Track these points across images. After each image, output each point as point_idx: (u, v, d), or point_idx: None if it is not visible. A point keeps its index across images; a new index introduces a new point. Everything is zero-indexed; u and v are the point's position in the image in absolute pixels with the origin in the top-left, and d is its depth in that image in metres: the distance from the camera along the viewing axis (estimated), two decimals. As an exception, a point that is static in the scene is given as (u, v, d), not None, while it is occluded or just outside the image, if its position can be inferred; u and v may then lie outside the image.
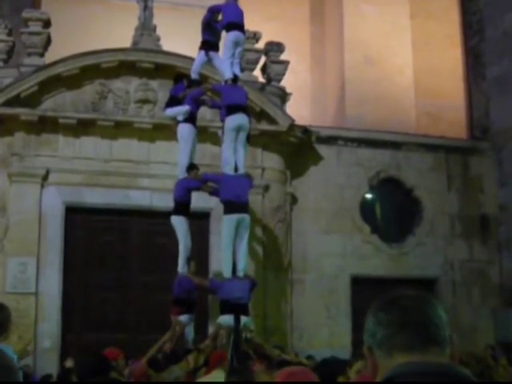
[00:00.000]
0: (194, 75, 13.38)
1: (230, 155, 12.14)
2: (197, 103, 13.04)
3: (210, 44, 13.33)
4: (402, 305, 2.00)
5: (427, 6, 20.90)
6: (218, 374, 7.75)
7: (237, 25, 12.76)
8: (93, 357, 6.02)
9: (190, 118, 12.89)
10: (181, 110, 12.91)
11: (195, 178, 12.50)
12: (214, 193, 12.59)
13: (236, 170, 12.09)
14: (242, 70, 15.00)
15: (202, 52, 13.36)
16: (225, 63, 12.73)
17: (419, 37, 20.38)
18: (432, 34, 20.73)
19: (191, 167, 12.55)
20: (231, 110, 12.24)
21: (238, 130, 12.19)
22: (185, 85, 13.26)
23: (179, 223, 12.46)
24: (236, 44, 12.70)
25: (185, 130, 12.84)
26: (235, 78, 12.56)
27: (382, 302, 2.06)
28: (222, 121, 12.68)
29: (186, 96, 12.99)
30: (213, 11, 13.27)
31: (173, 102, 13.18)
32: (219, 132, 13.30)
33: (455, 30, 21.07)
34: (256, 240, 15.43)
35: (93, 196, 15.34)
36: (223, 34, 13.24)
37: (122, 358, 8.04)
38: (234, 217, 11.77)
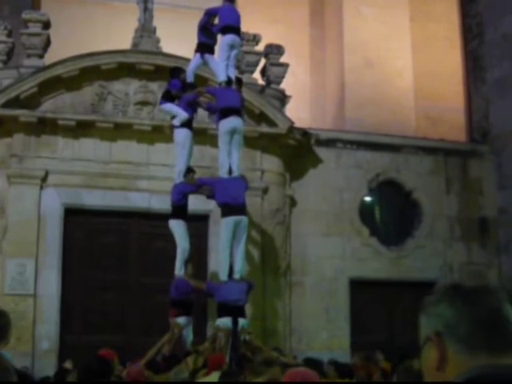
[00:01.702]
0: (189, 78, 13.37)
1: (225, 158, 12.18)
2: (192, 107, 13.03)
3: (206, 46, 13.32)
4: (484, 301, 1.94)
5: (427, 9, 20.91)
6: (217, 376, 7.75)
7: (233, 28, 12.77)
8: (95, 359, 6.00)
9: (186, 123, 12.89)
10: (178, 114, 12.89)
11: (191, 182, 12.52)
12: (210, 196, 12.60)
13: (231, 172, 12.11)
14: (242, 72, 15.02)
15: (198, 54, 13.36)
16: (220, 66, 12.74)
17: (419, 39, 20.38)
18: (432, 37, 20.73)
19: (187, 171, 12.59)
20: (225, 112, 12.25)
21: (233, 132, 12.21)
22: (181, 81, 13.23)
23: (177, 226, 12.47)
24: (231, 47, 12.71)
25: (181, 135, 12.84)
26: (229, 81, 12.57)
27: (461, 294, 1.97)
28: (216, 123, 12.72)
29: (180, 98, 12.98)
30: (209, 14, 13.28)
31: (168, 96, 13.18)
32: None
33: (455, 32, 21.08)
34: (255, 242, 15.43)
35: (92, 198, 15.34)
36: (219, 36, 13.25)
37: (116, 359, 8.03)
38: (232, 219, 11.78)
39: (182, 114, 12.85)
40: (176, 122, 12.95)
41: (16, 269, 14.55)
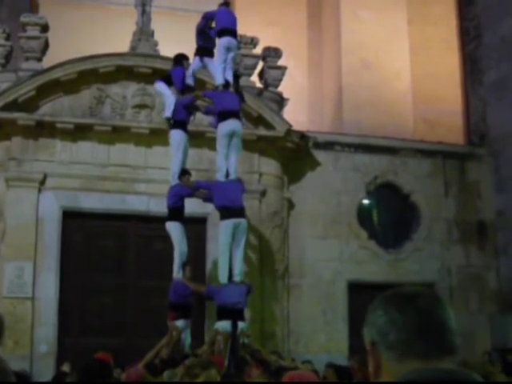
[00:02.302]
0: (188, 81, 13.37)
1: (222, 162, 12.18)
2: (188, 110, 13.04)
3: (204, 50, 13.35)
4: (418, 306, 1.93)
5: (425, 12, 20.94)
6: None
7: (229, 30, 12.80)
8: (94, 361, 6.01)
9: (181, 125, 12.90)
10: (167, 99, 12.98)
11: (187, 185, 12.51)
12: (207, 199, 12.59)
13: (228, 175, 12.12)
14: (240, 75, 15.02)
15: (197, 58, 13.39)
16: (217, 69, 12.76)
17: (417, 42, 20.40)
18: (429, 40, 20.76)
19: (183, 173, 12.57)
20: (223, 115, 12.26)
21: (231, 135, 12.22)
22: (184, 68, 13.25)
23: (174, 229, 12.47)
24: (228, 49, 12.74)
25: (176, 137, 12.85)
26: (227, 84, 12.58)
27: (395, 299, 1.99)
28: (215, 127, 12.73)
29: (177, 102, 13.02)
30: (206, 18, 13.32)
31: (166, 79, 13.21)
32: None
33: (453, 35, 21.11)
34: (253, 245, 15.43)
35: (90, 201, 15.34)
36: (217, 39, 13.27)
37: (112, 363, 8.02)
38: (231, 222, 11.77)
39: (170, 99, 12.90)
40: (168, 114, 12.98)
41: (14, 272, 14.54)
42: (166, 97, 13.18)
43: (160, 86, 13.33)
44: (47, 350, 14.61)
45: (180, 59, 13.32)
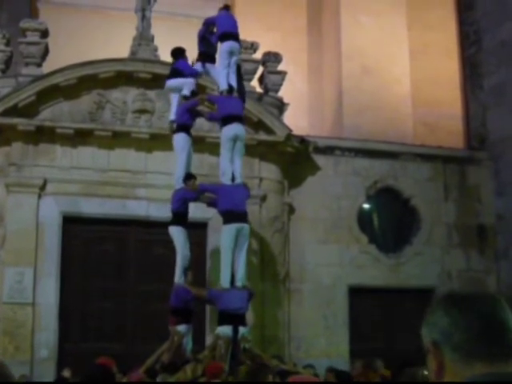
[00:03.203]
0: (191, 86, 13.37)
1: (227, 165, 12.14)
2: (192, 114, 13.04)
3: (206, 55, 13.36)
4: (479, 308, 1.93)
5: (424, 17, 20.95)
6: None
7: (231, 34, 12.78)
8: (97, 367, 6.01)
9: (185, 129, 12.90)
10: (184, 82, 12.96)
11: (192, 188, 12.47)
12: (211, 204, 12.56)
13: (233, 179, 12.09)
14: (242, 82, 15.02)
15: (199, 64, 13.39)
16: (220, 74, 12.75)
17: (416, 47, 20.41)
18: (429, 44, 20.77)
19: (188, 177, 12.54)
20: (227, 120, 12.26)
21: (235, 139, 12.20)
22: (187, 59, 13.29)
23: (177, 233, 12.43)
24: (231, 54, 12.72)
25: (180, 141, 12.84)
26: (231, 89, 12.58)
27: (456, 301, 1.97)
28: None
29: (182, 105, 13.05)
30: (207, 24, 13.32)
31: (174, 74, 13.22)
32: None
33: (452, 40, 21.12)
34: (253, 250, 15.42)
35: (90, 206, 15.34)
36: (219, 44, 13.27)
37: (114, 368, 8.02)
38: (234, 226, 11.75)
39: (186, 80, 12.92)
40: (186, 92, 12.98)
41: (14, 277, 14.54)
42: (181, 82, 13.12)
43: (171, 83, 13.29)
44: (48, 356, 14.60)
45: (178, 53, 13.37)
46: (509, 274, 18.00)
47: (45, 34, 15.84)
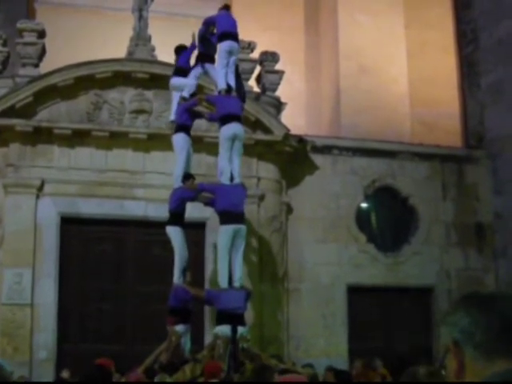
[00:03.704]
0: (193, 89, 13.38)
1: (226, 165, 12.12)
2: (191, 114, 13.03)
3: (205, 56, 13.36)
4: (499, 307, 1.96)
5: (422, 16, 20.96)
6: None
7: (230, 34, 12.77)
8: (95, 368, 6.02)
9: (184, 128, 12.90)
10: (186, 84, 13.01)
11: (191, 188, 12.46)
12: (208, 203, 12.54)
13: (232, 179, 12.08)
14: (241, 82, 15.02)
15: (198, 64, 13.40)
16: (219, 73, 12.74)
17: (414, 46, 20.42)
18: (427, 43, 20.78)
19: (187, 177, 12.53)
20: (226, 119, 12.24)
21: (234, 139, 12.18)
22: (190, 52, 13.35)
23: (174, 233, 12.42)
24: (230, 53, 12.70)
25: (179, 141, 12.84)
26: (229, 88, 12.56)
27: (476, 301, 2.02)
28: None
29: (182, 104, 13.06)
30: (207, 24, 13.30)
31: (179, 72, 13.25)
32: None
33: (450, 39, 21.13)
34: (252, 250, 15.41)
35: (88, 206, 15.33)
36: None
37: (113, 368, 8.01)
38: (231, 227, 11.74)
39: (189, 82, 12.96)
40: (185, 93, 13.02)
41: (13, 278, 14.53)
42: (183, 82, 13.19)
43: (175, 81, 13.33)
44: (46, 356, 14.59)
45: (181, 49, 13.47)
46: (507, 273, 18.00)
47: (42, 34, 15.83)
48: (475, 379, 1.91)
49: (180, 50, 13.56)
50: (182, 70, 13.33)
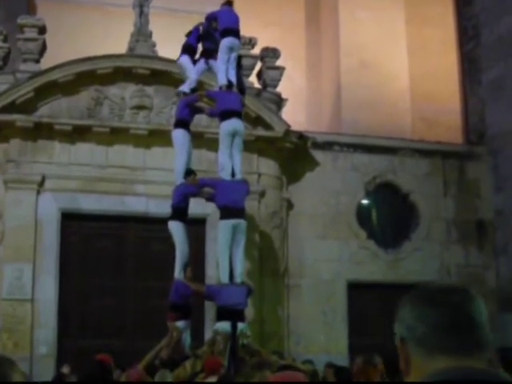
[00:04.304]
0: (193, 84, 13.36)
1: (227, 160, 12.10)
2: (191, 110, 13.01)
3: (209, 52, 13.34)
4: (446, 301, 1.88)
5: (423, 12, 20.93)
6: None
7: (231, 30, 12.74)
8: (95, 364, 6.03)
9: (184, 124, 12.87)
10: (189, 77, 13.02)
11: (193, 184, 12.45)
12: (210, 199, 12.52)
13: (233, 175, 12.06)
14: (241, 77, 15.02)
15: (202, 60, 13.38)
16: (220, 69, 12.71)
17: (415, 42, 20.41)
18: (427, 39, 20.75)
19: (188, 173, 12.50)
20: (226, 115, 12.22)
21: (234, 135, 12.15)
22: (199, 30, 13.32)
23: (176, 229, 12.40)
24: (231, 49, 12.68)
25: (179, 137, 12.82)
26: (230, 84, 12.54)
27: (423, 295, 1.94)
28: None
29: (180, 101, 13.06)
30: (209, 19, 13.27)
31: (187, 50, 13.23)
32: None
33: (451, 35, 21.10)
34: (252, 246, 15.39)
35: (88, 202, 15.33)
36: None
37: (112, 365, 8.01)
38: (230, 222, 11.72)
39: (191, 78, 12.95)
40: (185, 88, 13.02)
41: (13, 274, 14.54)
42: (188, 71, 13.18)
43: (183, 60, 13.32)
44: (47, 352, 14.60)
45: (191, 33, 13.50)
46: (508, 270, 18.00)
47: (42, 30, 15.82)
48: (419, 377, 1.84)
49: (189, 36, 13.55)
50: (190, 48, 13.29)
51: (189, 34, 13.55)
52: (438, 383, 1.78)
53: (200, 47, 13.56)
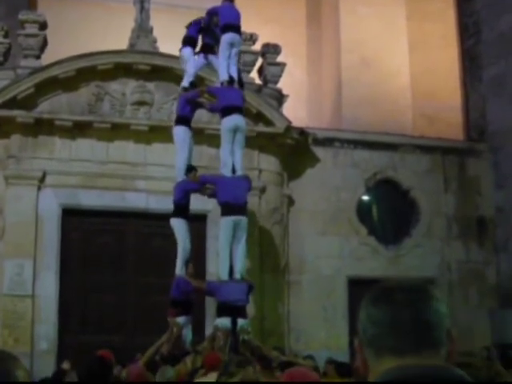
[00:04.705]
0: (191, 78, 13.35)
1: (228, 156, 12.09)
2: (192, 106, 13.00)
3: (208, 47, 13.33)
4: (394, 300, 1.84)
5: (423, 8, 20.92)
6: (214, 377, 7.73)
7: (232, 26, 12.72)
8: (94, 360, 6.02)
9: (185, 121, 12.86)
10: (187, 71, 13.02)
11: (194, 180, 12.44)
12: (212, 195, 12.52)
13: (234, 171, 12.05)
14: (241, 72, 15.01)
15: (202, 55, 13.37)
16: (221, 65, 12.69)
17: (415, 38, 20.40)
18: (428, 36, 20.74)
19: (189, 169, 12.51)
20: (227, 111, 12.20)
21: (235, 130, 12.13)
22: (201, 22, 13.31)
23: (178, 226, 12.40)
24: (231, 45, 12.65)
25: (180, 133, 12.81)
26: (231, 80, 12.52)
27: (374, 294, 1.91)
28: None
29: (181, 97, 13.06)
30: (210, 14, 13.25)
31: (189, 41, 13.22)
32: None
33: (451, 31, 21.09)
34: (253, 242, 15.38)
35: (89, 198, 15.33)
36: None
37: (113, 361, 8.01)
38: (232, 219, 11.72)
39: (189, 72, 12.95)
40: (185, 83, 13.03)
41: (14, 270, 14.55)
42: (187, 64, 13.18)
43: (184, 52, 13.31)
44: (47, 348, 14.61)
45: (191, 24, 13.48)
46: (508, 266, 18.01)
47: (43, 26, 15.80)
48: (373, 376, 1.82)
49: (190, 27, 13.53)
50: (191, 40, 13.28)
51: (189, 26, 13.52)
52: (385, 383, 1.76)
53: (200, 42, 13.56)
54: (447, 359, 1.83)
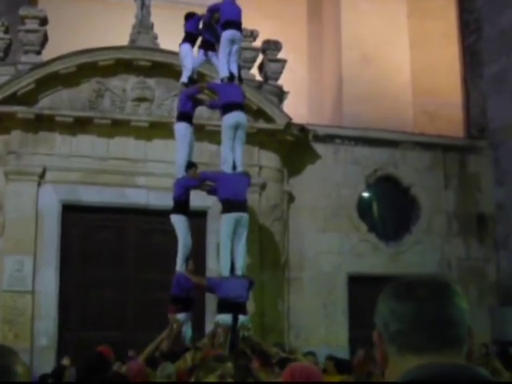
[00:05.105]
0: (189, 73, 13.32)
1: (228, 153, 12.08)
2: (193, 102, 12.98)
3: (209, 43, 13.32)
4: (417, 296, 1.83)
5: (424, 5, 20.90)
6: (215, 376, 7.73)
7: (233, 23, 12.70)
8: (93, 355, 6.02)
9: (186, 117, 12.84)
10: (185, 66, 13.02)
11: (194, 177, 12.43)
12: (211, 192, 12.50)
13: (234, 168, 12.03)
14: (240, 68, 14.99)
15: (202, 51, 13.36)
16: (222, 61, 12.68)
17: (416, 35, 20.38)
18: (429, 33, 20.73)
19: (190, 166, 12.49)
20: (228, 107, 12.19)
21: (236, 127, 12.11)
22: (199, 19, 13.30)
23: (178, 222, 12.39)
24: (232, 42, 12.63)
25: (181, 129, 12.79)
26: (231, 76, 12.51)
27: (396, 289, 1.90)
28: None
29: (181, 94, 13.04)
30: (211, 11, 13.22)
31: (188, 38, 13.22)
32: None
33: (452, 28, 21.08)
34: (253, 238, 15.37)
35: (89, 194, 15.32)
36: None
37: (113, 357, 8.02)
38: (233, 215, 11.71)
39: (188, 67, 12.94)
40: (184, 79, 13.02)
41: (14, 266, 14.55)
42: (185, 59, 13.17)
43: (183, 49, 13.29)
44: (47, 344, 14.62)
45: (189, 16, 13.42)
46: (508, 263, 18.02)
47: (44, 21, 15.79)
48: (394, 373, 1.80)
49: (188, 18, 13.48)
50: (190, 36, 13.28)
51: (187, 17, 13.47)
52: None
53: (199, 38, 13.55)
54: (468, 357, 1.82)
